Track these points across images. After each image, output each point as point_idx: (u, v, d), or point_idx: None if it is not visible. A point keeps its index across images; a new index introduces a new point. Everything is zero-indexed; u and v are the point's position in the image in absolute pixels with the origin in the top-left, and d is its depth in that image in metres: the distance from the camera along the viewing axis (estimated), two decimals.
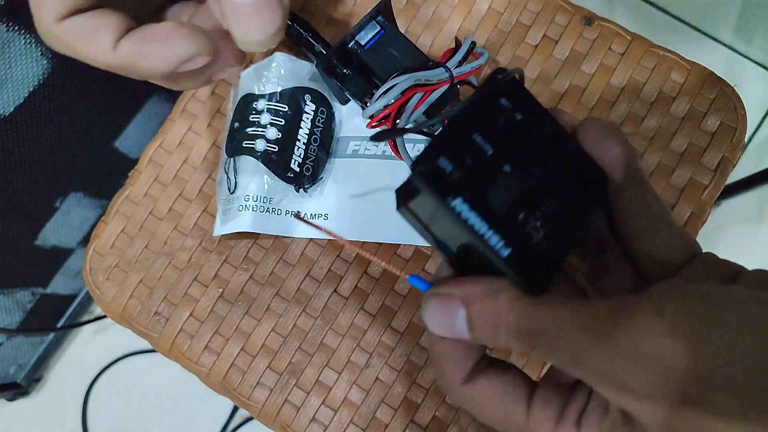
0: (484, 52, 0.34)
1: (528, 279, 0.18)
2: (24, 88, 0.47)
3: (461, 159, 0.18)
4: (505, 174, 0.19)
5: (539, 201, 0.19)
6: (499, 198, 0.18)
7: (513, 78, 0.20)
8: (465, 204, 0.18)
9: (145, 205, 0.40)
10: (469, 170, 0.18)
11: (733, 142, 0.36)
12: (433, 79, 0.32)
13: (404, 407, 0.35)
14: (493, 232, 0.18)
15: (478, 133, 0.19)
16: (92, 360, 0.87)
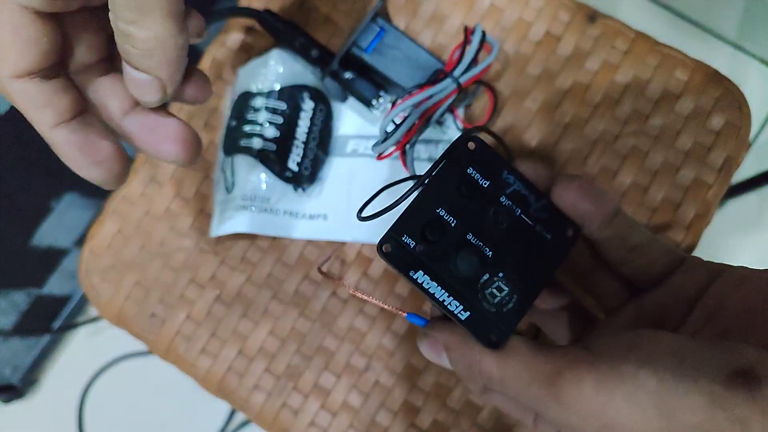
0: (494, 44, 0.33)
1: (485, 337, 0.21)
2: None
3: (424, 234, 0.20)
4: (468, 242, 0.21)
5: (503, 263, 0.21)
6: (462, 265, 0.21)
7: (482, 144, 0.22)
8: (426, 276, 0.20)
9: (141, 205, 0.39)
10: (431, 244, 0.20)
11: (737, 141, 0.35)
12: (441, 94, 0.32)
13: (404, 411, 0.35)
14: (453, 299, 0.21)
15: (442, 207, 0.21)
16: (88, 362, 0.86)
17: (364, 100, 0.35)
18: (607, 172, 0.36)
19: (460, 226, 0.21)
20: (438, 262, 0.21)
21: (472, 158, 0.21)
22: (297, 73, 0.37)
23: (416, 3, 0.39)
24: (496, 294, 0.21)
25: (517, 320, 0.21)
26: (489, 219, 0.21)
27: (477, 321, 0.21)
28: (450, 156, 0.21)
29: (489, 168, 0.22)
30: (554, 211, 0.22)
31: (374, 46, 0.34)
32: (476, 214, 0.21)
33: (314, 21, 0.40)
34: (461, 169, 0.21)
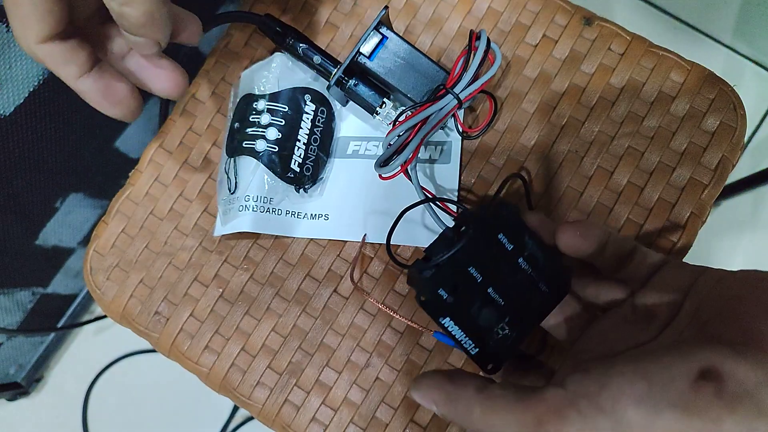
0: (497, 53, 0.34)
1: (485, 367, 0.27)
2: (24, 88, 0.47)
3: (455, 289, 0.25)
4: (488, 295, 0.26)
5: (509, 310, 0.27)
6: (483, 318, 0.26)
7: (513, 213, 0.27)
8: (451, 322, 0.26)
9: (146, 205, 0.40)
10: (459, 296, 0.25)
11: (732, 142, 0.36)
12: (442, 112, 0.33)
13: (404, 407, 0.35)
14: (468, 338, 0.26)
15: (473, 266, 0.26)
16: (93, 360, 0.87)
17: (368, 107, 0.36)
18: (604, 173, 0.36)
19: (485, 282, 0.26)
20: (462, 311, 0.26)
21: (504, 223, 0.26)
22: (299, 75, 0.37)
23: (415, 6, 0.40)
24: (500, 333, 0.27)
25: (511, 354, 0.27)
26: (506, 276, 0.26)
27: (482, 354, 0.26)
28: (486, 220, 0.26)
29: (515, 234, 0.27)
30: (557, 270, 0.27)
31: (377, 54, 0.35)
32: (498, 272, 0.26)
33: (315, 24, 0.40)
34: (494, 233, 0.26)
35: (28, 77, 0.47)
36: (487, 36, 0.33)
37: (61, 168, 0.59)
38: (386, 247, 0.30)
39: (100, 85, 0.27)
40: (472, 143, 0.37)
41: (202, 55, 0.43)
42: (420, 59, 0.35)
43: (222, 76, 0.41)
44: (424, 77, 0.35)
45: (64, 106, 0.53)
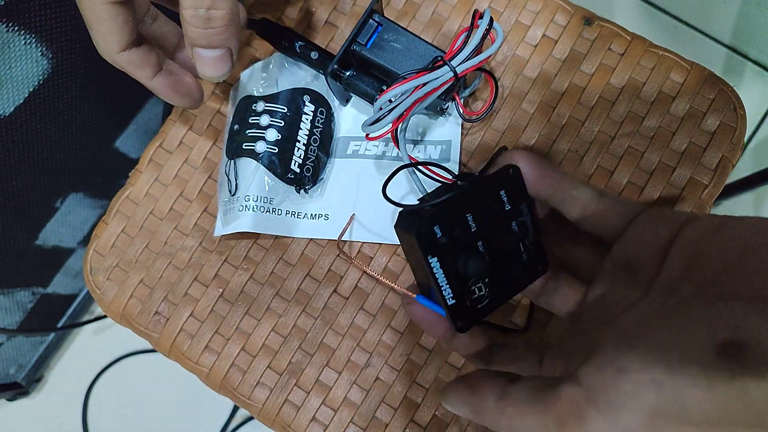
0: (498, 32, 0.33)
1: (456, 322, 0.26)
2: (24, 88, 0.47)
3: (450, 231, 0.25)
4: (477, 248, 0.26)
5: (492, 271, 0.26)
6: (464, 263, 0.25)
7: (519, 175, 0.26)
8: (438, 263, 0.25)
9: (146, 205, 0.40)
10: (452, 240, 0.25)
11: (732, 142, 0.36)
12: (437, 82, 0.32)
13: (404, 407, 0.35)
14: (448, 286, 0.25)
15: (471, 213, 0.25)
16: (92, 360, 0.87)
17: (368, 96, 0.35)
18: (604, 172, 0.36)
19: (478, 233, 0.26)
20: (451, 256, 0.25)
21: (507, 183, 0.26)
22: (298, 76, 0.37)
23: (415, 7, 0.40)
24: (476, 293, 0.26)
25: (482, 317, 0.27)
26: (498, 234, 0.26)
27: (456, 309, 0.26)
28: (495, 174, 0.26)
29: (515, 196, 0.26)
30: (540, 248, 0.27)
31: (373, 41, 0.34)
32: (491, 228, 0.26)
33: (314, 25, 0.40)
34: (497, 189, 0.26)
35: (28, 77, 0.47)
36: (491, 16, 0.33)
37: (61, 168, 0.59)
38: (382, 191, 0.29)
39: (170, 82, 0.31)
40: (473, 143, 0.37)
41: None
42: (417, 43, 0.34)
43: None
44: (422, 60, 0.34)
45: (64, 106, 0.53)
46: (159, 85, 0.31)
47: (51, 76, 0.49)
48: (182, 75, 0.32)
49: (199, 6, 0.27)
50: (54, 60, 0.48)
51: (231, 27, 0.28)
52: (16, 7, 0.42)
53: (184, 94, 0.32)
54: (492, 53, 0.33)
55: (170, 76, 0.32)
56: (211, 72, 0.30)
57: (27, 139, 0.51)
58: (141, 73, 0.30)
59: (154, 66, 0.31)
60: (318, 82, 0.38)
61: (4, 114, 0.47)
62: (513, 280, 0.27)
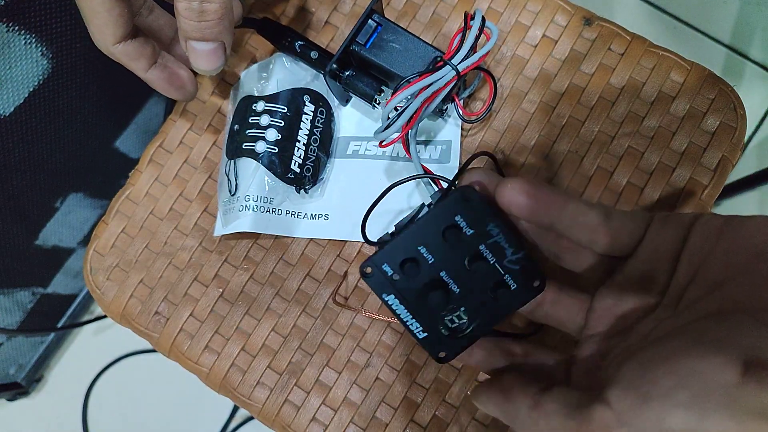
0: (493, 30, 0.33)
1: (435, 353, 0.26)
2: (24, 88, 0.47)
3: (402, 267, 0.25)
4: (440, 279, 0.25)
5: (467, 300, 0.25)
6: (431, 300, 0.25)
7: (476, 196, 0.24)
8: (396, 300, 0.25)
9: (146, 205, 0.40)
10: (406, 275, 0.25)
11: (732, 142, 0.36)
12: (441, 82, 0.32)
13: (404, 407, 0.35)
14: (415, 321, 0.25)
15: (424, 246, 0.24)
16: (92, 360, 0.87)
17: (367, 96, 0.35)
18: (604, 173, 0.36)
19: (436, 264, 0.25)
20: (409, 292, 0.25)
21: (463, 207, 0.24)
22: (298, 76, 0.38)
23: (415, 7, 0.40)
24: (455, 321, 0.25)
25: (466, 345, 0.26)
26: (464, 263, 0.25)
27: (431, 341, 0.25)
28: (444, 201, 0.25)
29: (476, 218, 0.24)
30: (527, 263, 0.25)
31: (373, 41, 0.34)
32: (453, 257, 0.25)
33: (314, 25, 0.40)
34: (450, 215, 0.24)
35: (28, 77, 0.47)
36: (482, 14, 0.33)
37: (61, 168, 0.59)
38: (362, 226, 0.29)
39: (165, 74, 0.32)
40: (472, 143, 0.37)
41: None
42: (416, 43, 0.34)
43: (222, 76, 0.41)
44: (421, 60, 0.34)
45: (64, 106, 0.53)
46: (154, 77, 0.32)
47: (51, 76, 0.49)
48: (177, 68, 0.33)
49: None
50: (54, 60, 0.48)
51: (224, 20, 0.28)
52: (16, 7, 0.42)
53: (178, 86, 0.33)
54: (490, 48, 0.33)
55: (165, 69, 0.32)
56: (204, 65, 0.30)
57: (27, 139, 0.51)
58: (136, 65, 0.31)
59: (149, 58, 0.31)
60: (318, 82, 0.38)
61: (4, 114, 0.47)
62: (501, 304, 0.25)
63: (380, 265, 0.25)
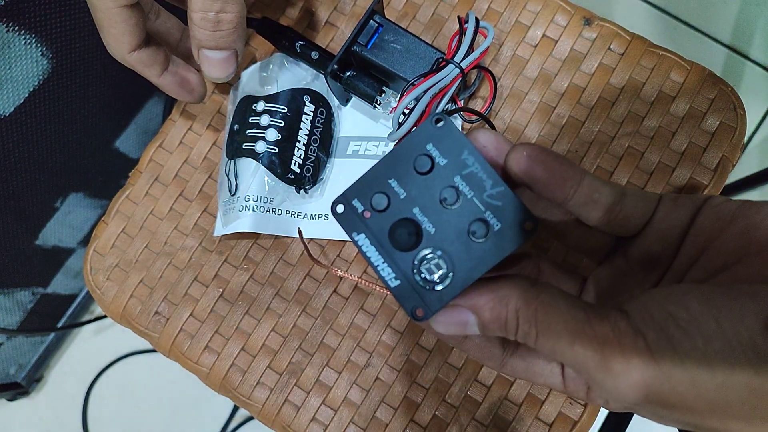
0: (489, 28, 0.34)
1: (411, 309, 0.21)
2: (24, 88, 0.47)
3: (372, 201, 0.22)
4: (414, 216, 0.21)
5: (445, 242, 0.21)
6: (399, 236, 0.21)
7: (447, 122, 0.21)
8: (366, 240, 0.22)
9: (146, 205, 0.40)
10: (378, 212, 0.22)
11: (732, 142, 0.36)
12: (446, 80, 0.33)
13: (404, 407, 0.35)
14: (387, 266, 0.21)
15: (395, 178, 0.22)
16: (92, 360, 0.87)
17: (368, 96, 0.35)
18: (604, 173, 0.36)
19: (409, 199, 0.22)
20: (380, 230, 0.22)
21: (435, 134, 0.21)
22: (298, 76, 0.37)
23: (415, 8, 0.40)
24: (433, 270, 0.21)
25: (447, 300, 0.21)
26: (439, 196, 0.21)
27: (406, 291, 0.21)
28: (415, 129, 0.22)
29: (449, 146, 0.21)
30: (512, 200, 0.21)
31: (374, 42, 0.35)
32: (427, 190, 0.21)
33: (314, 25, 0.40)
34: (422, 143, 0.21)
35: (28, 77, 0.47)
36: (475, 16, 0.34)
37: (61, 168, 0.59)
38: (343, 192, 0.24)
39: (177, 79, 0.33)
40: None
41: None
42: (417, 44, 0.35)
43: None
44: (422, 61, 0.35)
45: (64, 106, 0.53)
46: (166, 82, 0.33)
47: (51, 76, 0.49)
48: (187, 72, 0.34)
49: (208, 9, 0.27)
50: (54, 60, 0.48)
51: (239, 29, 0.29)
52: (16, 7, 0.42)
53: (189, 90, 0.34)
54: (489, 43, 0.34)
55: (176, 74, 0.33)
56: (217, 73, 0.31)
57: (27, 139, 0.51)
58: (150, 72, 0.32)
59: (161, 64, 0.32)
60: (318, 82, 0.38)
61: (4, 114, 0.47)
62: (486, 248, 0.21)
63: (350, 200, 0.22)
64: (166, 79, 0.33)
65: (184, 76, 0.34)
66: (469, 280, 0.21)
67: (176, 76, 0.33)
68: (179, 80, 0.33)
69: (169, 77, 0.33)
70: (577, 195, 0.22)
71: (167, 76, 0.33)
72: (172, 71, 0.33)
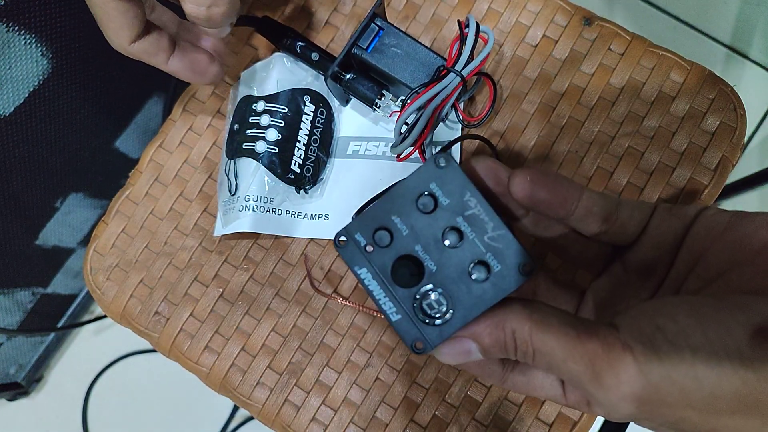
0: (489, 33, 0.34)
1: (411, 343, 0.22)
2: (24, 88, 0.47)
3: (375, 237, 0.22)
4: (414, 253, 0.22)
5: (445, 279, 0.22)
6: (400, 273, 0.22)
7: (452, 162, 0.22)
8: (368, 274, 0.22)
9: (146, 205, 0.40)
10: (380, 247, 0.22)
11: (732, 142, 0.36)
12: (448, 90, 0.33)
13: (404, 407, 0.35)
14: (388, 300, 0.22)
15: (398, 216, 0.22)
16: (92, 360, 0.87)
17: (367, 100, 0.35)
18: (604, 173, 0.36)
19: (411, 236, 0.22)
20: (382, 265, 0.22)
21: (438, 174, 0.22)
22: (298, 76, 0.37)
23: (415, 8, 0.40)
24: (434, 306, 0.22)
25: (447, 335, 0.22)
26: (441, 236, 0.22)
27: (407, 326, 0.22)
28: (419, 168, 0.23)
29: (452, 186, 0.22)
30: (512, 243, 0.22)
31: (374, 45, 0.35)
32: (429, 229, 0.22)
33: (314, 25, 0.40)
34: (425, 182, 0.22)
35: (28, 77, 0.47)
36: (475, 20, 0.34)
37: (61, 168, 0.59)
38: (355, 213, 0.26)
39: (186, 63, 0.32)
40: (472, 143, 0.37)
41: None
42: (417, 48, 0.35)
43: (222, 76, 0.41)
44: (422, 66, 0.35)
45: (64, 106, 0.53)
46: (176, 67, 0.32)
47: (51, 76, 0.49)
48: (195, 53, 0.33)
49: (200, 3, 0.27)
50: (54, 60, 0.48)
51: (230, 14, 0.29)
52: (16, 7, 0.42)
53: (201, 72, 0.33)
54: (489, 51, 0.34)
55: (185, 58, 0.32)
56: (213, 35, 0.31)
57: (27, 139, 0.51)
58: (156, 60, 0.31)
59: (167, 50, 0.31)
60: (318, 83, 0.38)
61: (4, 114, 0.47)
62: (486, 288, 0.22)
63: (353, 234, 0.22)
64: (175, 65, 0.32)
65: (193, 59, 0.33)
66: (469, 318, 0.22)
67: (185, 59, 0.32)
68: (189, 64, 0.32)
69: (176, 62, 0.32)
70: (578, 210, 0.23)
71: (175, 61, 0.32)
72: (179, 56, 0.32)
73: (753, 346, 0.17)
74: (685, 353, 0.17)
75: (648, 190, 0.36)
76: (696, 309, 0.18)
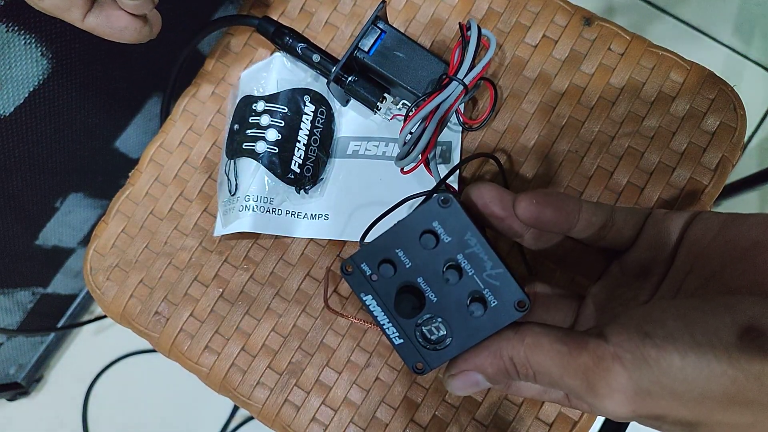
0: (491, 37, 0.34)
1: (412, 364, 0.25)
2: (24, 88, 0.47)
3: (379, 267, 0.24)
4: (418, 285, 0.24)
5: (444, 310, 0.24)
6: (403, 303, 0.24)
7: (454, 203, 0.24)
8: (373, 301, 0.24)
9: (146, 205, 0.40)
10: (383, 276, 0.24)
11: (732, 142, 0.36)
12: (450, 99, 0.33)
13: (404, 407, 0.35)
14: (392, 326, 0.25)
15: (402, 249, 0.24)
16: (92, 360, 0.87)
17: (369, 102, 0.36)
18: (604, 173, 0.36)
19: (414, 269, 0.24)
20: (386, 294, 0.25)
21: (441, 213, 0.24)
22: (298, 76, 0.37)
23: (415, 7, 0.40)
24: (434, 332, 0.24)
25: (445, 359, 0.24)
26: (441, 270, 0.24)
27: (409, 349, 0.25)
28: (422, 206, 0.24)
29: (454, 226, 0.24)
30: (509, 281, 0.24)
31: (376, 48, 0.35)
32: (431, 263, 0.24)
33: (314, 25, 0.40)
34: (428, 220, 0.24)
35: (28, 77, 0.47)
36: (477, 24, 0.34)
37: (61, 168, 0.59)
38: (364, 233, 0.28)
39: (102, 19, 0.30)
40: (473, 143, 0.37)
41: (202, 55, 0.43)
42: (419, 52, 0.35)
43: (222, 76, 0.41)
44: (423, 69, 0.35)
45: (64, 106, 0.53)
46: (92, 24, 0.30)
47: (51, 76, 0.49)
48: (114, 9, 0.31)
49: None
50: (54, 60, 0.48)
51: None
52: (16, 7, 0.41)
53: (121, 28, 0.31)
54: (491, 57, 0.34)
55: (102, 13, 0.30)
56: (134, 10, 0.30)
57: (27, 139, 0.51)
58: (70, 16, 0.30)
59: (82, 6, 0.29)
60: (318, 83, 0.38)
61: (4, 114, 0.47)
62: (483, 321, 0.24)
63: (359, 263, 0.25)
64: (90, 22, 0.30)
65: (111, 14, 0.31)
66: (466, 346, 0.24)
67: (101, 16, 0.30)
68: (105, 19, 0.30)
69: (93, 19, 0.30)
70: (580, 222, 0.24)
71: (91, 18, 0.30)
72: (96, 12, 0.30)
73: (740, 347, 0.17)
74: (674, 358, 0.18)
75: (648, 190, 0.36)
76: (683, 313, 0.19)
